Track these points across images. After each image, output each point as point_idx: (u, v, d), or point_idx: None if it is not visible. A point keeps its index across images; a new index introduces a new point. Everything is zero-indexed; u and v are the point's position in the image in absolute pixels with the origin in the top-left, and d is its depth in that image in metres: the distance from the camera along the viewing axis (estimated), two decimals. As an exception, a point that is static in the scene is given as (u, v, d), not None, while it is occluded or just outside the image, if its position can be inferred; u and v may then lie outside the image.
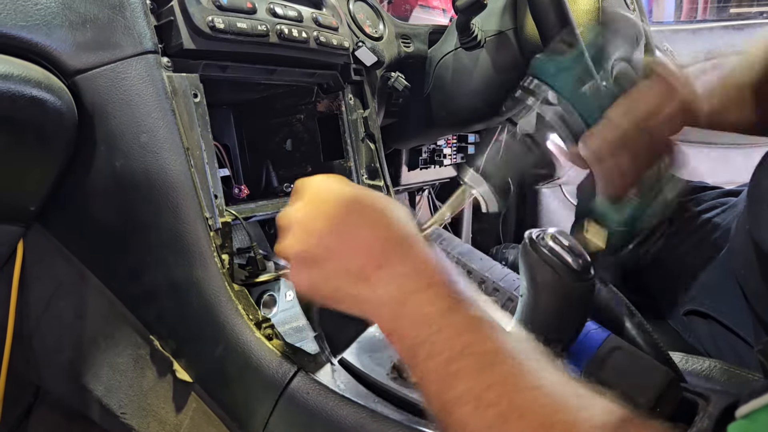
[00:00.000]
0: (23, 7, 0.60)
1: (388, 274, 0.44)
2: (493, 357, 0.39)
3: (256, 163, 1.01)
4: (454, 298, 0.42)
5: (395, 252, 0.45)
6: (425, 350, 0.41)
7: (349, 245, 0.46)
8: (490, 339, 0.40)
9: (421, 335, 0.41)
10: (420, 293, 0.43)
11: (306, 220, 0.48)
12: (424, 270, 0.44)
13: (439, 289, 0.43)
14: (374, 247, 0.45)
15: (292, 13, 0.76)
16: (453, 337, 0.40)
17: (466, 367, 0.39)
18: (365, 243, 0.46)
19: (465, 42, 0.95)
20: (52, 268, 0.77)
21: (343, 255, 0.46)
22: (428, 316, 0.41)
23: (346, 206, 0.47)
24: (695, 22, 2.99)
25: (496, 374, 0.38)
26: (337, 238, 0.46)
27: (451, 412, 0.38)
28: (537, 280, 0.55)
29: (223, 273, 0.66)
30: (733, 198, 0.91)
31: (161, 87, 0.65)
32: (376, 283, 0.44)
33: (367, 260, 0.45)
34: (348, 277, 0.46)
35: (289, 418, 0.63)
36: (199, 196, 0.66)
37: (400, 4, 1.29)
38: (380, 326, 0.45)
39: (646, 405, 0.53)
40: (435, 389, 0.40)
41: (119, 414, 0.76)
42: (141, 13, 0.65)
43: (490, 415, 0.37)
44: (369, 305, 0.45)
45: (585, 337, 0.59)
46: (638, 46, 1.00)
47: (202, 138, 0.68)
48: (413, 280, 0.43)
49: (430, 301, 0.42)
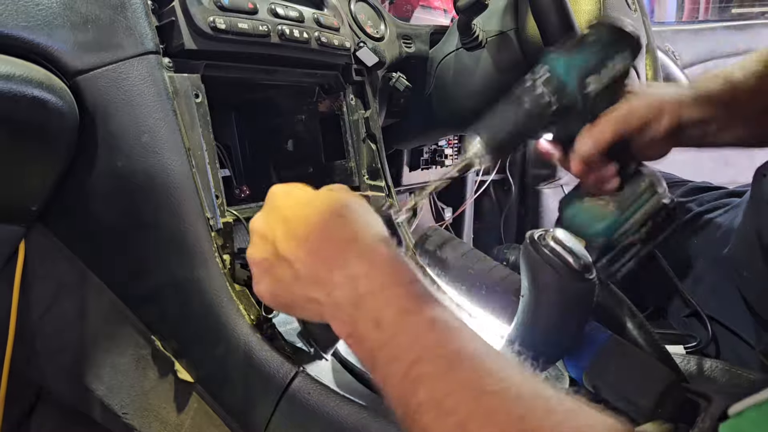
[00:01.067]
0: (25, 8, 0.60)
1: (342, 276, 0.43)
2: (452, 360, 0.37)
3: (257, 163, 1.01)
4: (412, 299, 0.41)
5: (350, 253, 0.43)
6: (384, 355, 0.39)
7: (303, 250, 0.45)
8: (451, 341, 0.38)
9: (378, 339, 0.39)
10: (376, 295, 0.41)
11: (265, 227, 0.48)
12: (380, 271, 0.42)
13: (397, 289, 0.41)
14: (328, 250, 0.44)
15: (294, 13, 0.76)
16: (411, 341, 0.38)
17: (425, 372, 0.37)
18: (319, 246, 0.45)
19: (466, 42, 0.95)
20: (53, 268, 0.77)
21: (297, 260, 0.45)
22: (384, 319, 0.40)
23: (301, 211, 0.47)
24: (697, 23, 2.99)
25: (456, 379, 0.36)
26: (292, 244, 0.46)
27: (414, 419, 0.37)
28: (538, 280, 0.55)
29: (224, 273, 0.66)
30: (736, 198, 0.91)
31: (162, 87, 0.65)
32: (330, 287, 0.43)
33: (321, 263, 0.44)
34: (302, 283, 0.45)
35: (290, 418, 0.63)
36: (201, 197, 0.66)
37: (402, 4, 1.29)
38: (337, 330, 0.44)
39: (648, 406, 0.53)
40: (396, 395, 0.38)
41: (121, 414, 0.76)
42: (142, 13, 0.65)
43: (450, 423, 0.35)
44: (326, 309, 0.44)
45: (586, 337, 0.59)
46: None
47: (203, 138, 0.68)
48: (368, 282, 0.42)
49: (387, 303, 0.40)
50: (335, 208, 0.47)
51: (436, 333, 0.39)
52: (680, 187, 0.99)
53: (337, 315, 0.43)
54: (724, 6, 3.41)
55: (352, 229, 0.45)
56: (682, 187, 0.99)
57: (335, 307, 0.43)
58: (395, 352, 0.39)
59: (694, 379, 0.72)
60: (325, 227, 0.45)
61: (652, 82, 0.96)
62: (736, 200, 0.90)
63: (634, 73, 0.86)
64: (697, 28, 2.27)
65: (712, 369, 0.70)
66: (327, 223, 0.46)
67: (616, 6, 0.90)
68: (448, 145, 1.34)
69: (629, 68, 0.63)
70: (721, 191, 0.96)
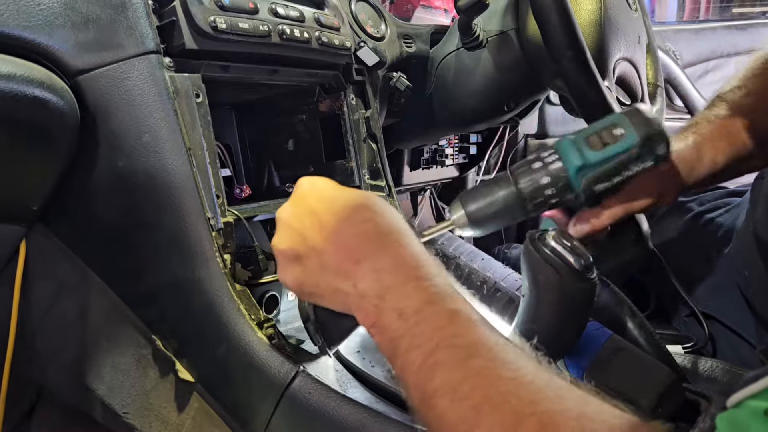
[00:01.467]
0: (26, 8, 0.60)
1: (367, 268, 0.45)
2: (470, 349, 0.39)
3: (258, 163, 1.01)
4: (433, 291, 0.42)
5: (375, 247, 0.45)
6: (404, 343, 0.41)
7: (330, 242, 0.47)
8: (469, 331, 0.40)
9: (400, 329, 0.41)
10: (398, 287, 0.43)
11: (292, 218, 0.50)
12: (402, 264, 0.44)
13: (419, 282, 0.43)
14: (354, 243, 0.46)
15: (294, 13, 0.76)
16: (431, 330, 0.40)
17: (443, 359, 0.39)
18: (345, 239, 0.46)
19: (467, 42, 0.95)
20: (54, 268, 0.77)
21: (324, 251, 0.47)
22: (407, 309, 0.42)
23: (330, 204, 0.48)
24: (698, 22, 2.98)
25: (471, 367, 0.38)
26: (319, 235, 0.47)
27: (430, 405, 0.39)
28: (539, 280, 0.55)
29: (224, 273, 0.66)
30: (737, 198, 0.91)
31: (163, 87, 0.65)
32: (355, 278, 0.45)
33: (346, 256, 0.46)
34: (329, 273, 0.47)
35: (290, 418, 0.63)
36: (201, 196, 0.66)
37: (402, 4, 1.29)
38: (361, 320, 0.45)
39: (649, 405, 0.53)
40: (414, 381, 0.40)
41: (122, 413, 0.76)
42: (143, 13, 0.65)
43: (464, 407, 0.37)
44: (350, 300, 0.46)
45: (587, 337, 0.59)
46: (640, 47, 0.99)
47: (204, 138, 0.68)
48: (392, 275, 0.44)
49: (408, 295, 0.42)
50: (362, 203, 0.48)
51: (455, 324, 0.41)
52: (681, 186, 0.99)
53: (362, 305, 0.45)
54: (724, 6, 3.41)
55: (378, 224, 0.47)
56: (682, 186, 0.99)
57: (360, 297, 0.45)
58: (416, 341, 0.40)
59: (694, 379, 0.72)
60: (353, 221, 0.47)
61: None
62: (737, 200, 0.90)
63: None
64: (698, 28, 2.27)
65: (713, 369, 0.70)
66: (354, 216, 0.47)
67: (617, 6, 0.90)
68: (448, 144, 1.34)
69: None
70: (721, 191, 0.96)
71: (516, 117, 1.17)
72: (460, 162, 1.40)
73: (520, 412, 0.35)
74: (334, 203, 0.48)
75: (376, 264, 0.44)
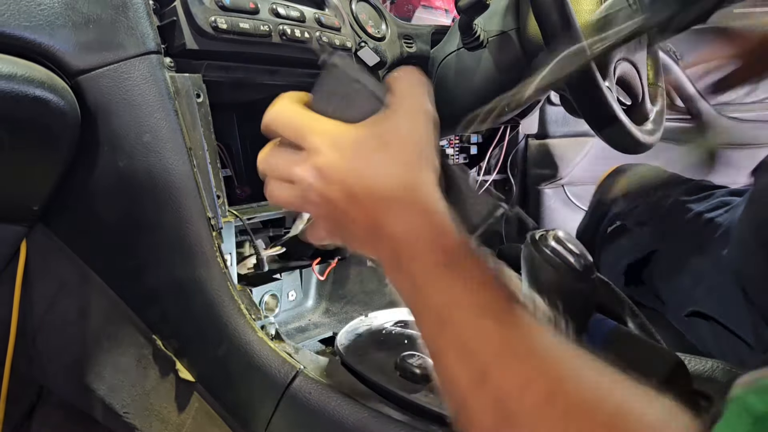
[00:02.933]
0: (26, 8, 0.60)
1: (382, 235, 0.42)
2: (482, 309, 0.38)
3: (258, 163, 1.01)
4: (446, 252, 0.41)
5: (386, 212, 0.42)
6: (420, 303, 0.41)
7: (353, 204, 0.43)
8: (481, 293, 0.39)
9: (413, 288, 0.41)
10: (410, 249, 0.41)
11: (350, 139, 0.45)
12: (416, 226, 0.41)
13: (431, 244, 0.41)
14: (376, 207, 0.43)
15: (295, 13, 0.76)
16: (443, 289, 0.40)
17: (453, 317, 0.39)
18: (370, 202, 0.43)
19: (467, 42, 0.95)
20: (55, 268, 0.77)
21: (353, 208, 0.43)
22: (419, 271, 0.41)
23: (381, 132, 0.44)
24: (698, 22, 2.97)
25: (482, 325, 0.38)
26: (345, 197, 0.43)
27: (439, 363, 0.39)
28: (539, 280, 0.55)
29: (225, 273, 0.66)
30: (737, 198, 0.91)
31: (164, 87, 0.65)
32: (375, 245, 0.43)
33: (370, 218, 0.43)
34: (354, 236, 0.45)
35: (291, 417, 0.63)
36: (202, 196, 0.66)
37: (403, 4, 1.29)
38: (386, 275, 0.44)
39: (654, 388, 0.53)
40: (428, 339, 0.40)
41: (122, 413, 0.76)
42: (144, 13, 0.65)
43: (472, 365, 0.37)
44: (379, 262, 0.44)
45: (592, 327, 0.60)
46: (641, 47, 1.00)
47: (204, 138, 0.68)
48: (404, 240, 0.41)
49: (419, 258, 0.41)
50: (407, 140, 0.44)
51: (468, 283, 0.40)
52: (681, 186, 0.99)
53: (385, 267, 0.43)
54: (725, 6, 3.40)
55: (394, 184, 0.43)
56: (682, 186, 0.99)
57: (381, 262, 0.43)
58: (427, 302, 0.40)
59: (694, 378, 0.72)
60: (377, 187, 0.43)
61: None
62: (737, 200, 0.90)
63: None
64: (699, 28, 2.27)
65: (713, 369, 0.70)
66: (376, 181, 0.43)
67: (617, 5, 0.90)
68: (449, 145, 1.35)
69: None
70: (721, 191, 0.96)
71: (516, 117, 1.17)
72: (460, 162, 1.40)
73: (527, 374, 0.35)
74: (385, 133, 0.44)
75: (389, 231, 0.42)
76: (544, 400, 0.34)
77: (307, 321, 0.87)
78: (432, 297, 0.40)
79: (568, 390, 0.34)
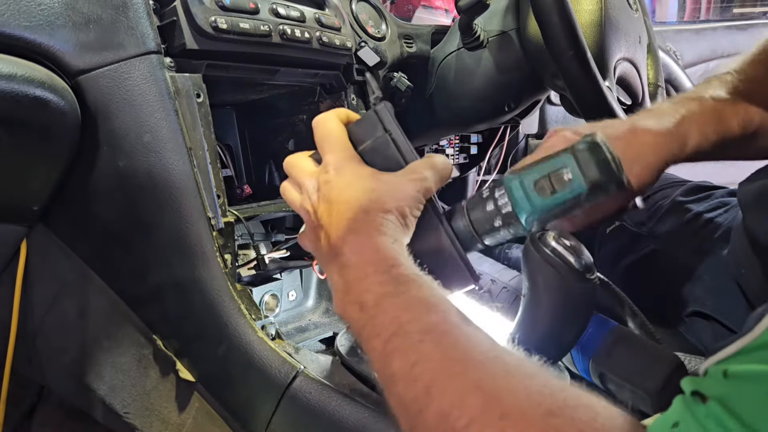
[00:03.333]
0: (26, 8, 0.60)
1: (336, 264, 0.49)
2: (423, 334, 0.41)
3: (258, 163, 1.01)
4: (392, 284, 0.45)
5: (346, 243, 0.48)
6: (366, 333, 0.44)
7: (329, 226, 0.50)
8: (425, 317, 0.42)
9: (361, 320, 0.45)
10: (360, 282, 0.46)
11: (315, 201, 0.52)
12: (364, 260, 0.47)
13: (378, 277, 0.46)
14: (336, 235, 0.49)
15: (295, 13, 0.76)
16: (389, 320, 0.43)
17: (398, 345, 0.41)
18: (333, 230, 0.50)
19: (468, 42, 0.95)
20: (55, 268, 0.77)
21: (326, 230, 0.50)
22: (367, 303, 0.45)
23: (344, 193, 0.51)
24: (698, 22, 2.98)
25: (423, 350, 0.40)
26: (331, 228, 0.50)
27: (390, 390, 0.41)
28: (539, 280, 0.55)
29: (225, 273, 0.66)
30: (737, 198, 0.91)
31: (164, 87, 0.65)
32: (330, 272, 0.50)
33: (331, 250, 0.49)
34: (323, 258, 0.52)
35: (291, 417, 0.63)
36: (202, 196, 0.66)
37: (403, 4, 1.29)
38: (335, 310, 0.49)
39: (655, 389, 0.53)
40: (378, 368, 0.43)
41: (122, 413, 0.76)
42: (144, 13, 0.65)
43: (416, 389, 0.38)
44: (332, 288, 0.50)
45: (594, 326, 0.60)
46: (641, 47, 1.00)
47: (204, 138, 0.68)
48: (355, 270, 0.47)
49: (368, 289, 0.45)
50: (349, 196, 0.50)
51: (411, 311, 0.43)
52: (680, 186, 0.99)
53: (334, 296, 0.49)
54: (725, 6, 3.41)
55: (354, 217, 0.49)
56: (682, 186, 0.99)
57: (334, 289, 0.49)
58: (375, 331, 0.43)
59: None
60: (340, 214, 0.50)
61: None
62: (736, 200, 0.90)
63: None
64: (699, 28, 2.27)
65: (713, 369, 0.70)
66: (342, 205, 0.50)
67: (617, 6, 0.90)
68: (449, 145, 1.35)
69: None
70: (721, 191, 0.96)
71: (517, 117, 1.17)
72: (460, 162, 1.40)
73: (464, 390, 0.36)
74: (344, 192, 0.51)
75: (343, 260, 0.48)
76: (480, 410, 0.35)
77: (307, 321, 0.87)
78: (380, 325, 0.43)
79: (501, 398, 0.35)
